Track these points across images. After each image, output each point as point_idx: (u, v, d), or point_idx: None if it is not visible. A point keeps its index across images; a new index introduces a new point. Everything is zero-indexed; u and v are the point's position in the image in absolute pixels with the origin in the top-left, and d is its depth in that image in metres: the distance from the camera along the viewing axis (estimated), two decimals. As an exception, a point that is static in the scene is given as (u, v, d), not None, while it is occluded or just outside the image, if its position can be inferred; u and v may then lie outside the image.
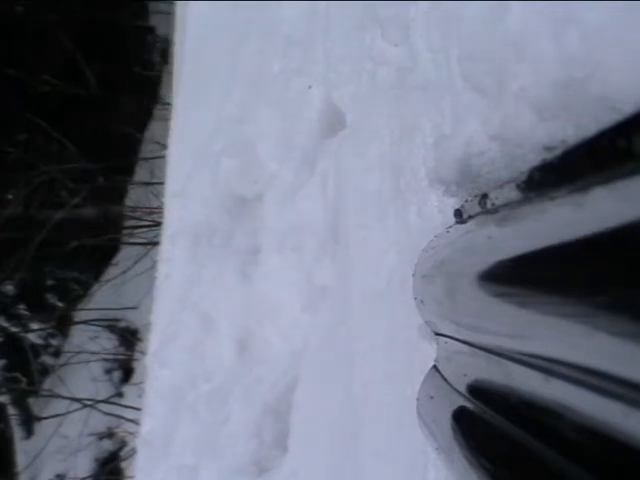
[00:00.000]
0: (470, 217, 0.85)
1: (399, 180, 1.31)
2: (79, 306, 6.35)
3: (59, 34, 5.75)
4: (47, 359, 6.48)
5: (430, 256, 0.97)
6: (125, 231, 6.30)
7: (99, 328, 6.13)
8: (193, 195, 2.64)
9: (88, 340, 6.06)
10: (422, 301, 0.98)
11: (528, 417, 0.61)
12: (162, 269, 2.81)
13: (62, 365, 6.29)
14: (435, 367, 0.94)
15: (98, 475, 5.88)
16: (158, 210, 4.25)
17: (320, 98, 2.01)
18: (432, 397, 0.91)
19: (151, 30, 6.85)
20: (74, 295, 6.40)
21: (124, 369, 6.08)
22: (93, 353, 5.96)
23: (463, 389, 0.80)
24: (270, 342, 2.05)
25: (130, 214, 6.15)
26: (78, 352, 6.02)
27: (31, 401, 6.42)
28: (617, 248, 0.45)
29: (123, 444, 5.76)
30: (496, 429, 0.67)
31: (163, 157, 3.52)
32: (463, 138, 0.89)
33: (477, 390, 0.76)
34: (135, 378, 5.51)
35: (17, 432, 6.31)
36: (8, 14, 5.97)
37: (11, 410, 6.35)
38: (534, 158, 0.65)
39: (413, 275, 1.01)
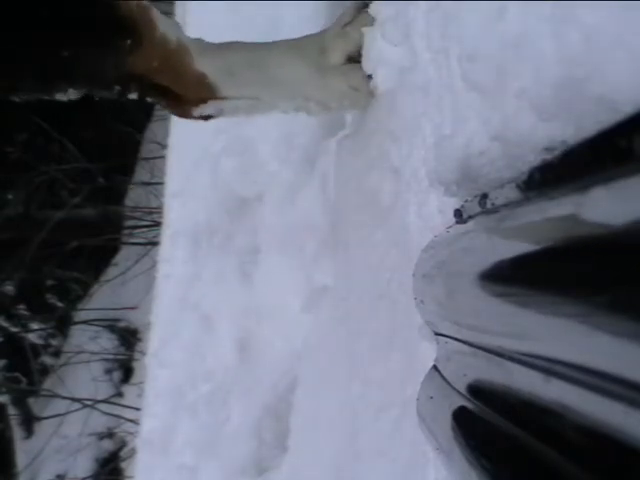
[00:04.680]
0: (470, 217, 0.85)
1: (399, 180, 1.30)
2: (79, 306, 6.35)
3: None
4: (47, 359, 6.48)
5: (430, 256, 0.97)
6: (125, 231, 6.30)
7: (99, 328, 6.12)
8: (193, 195, 2.64)
9: (88, 340, 6.06)
10: (422, 301, 0.97)
11: (528, 417, 0.61)
12: (162, 269, 2.81)
13: (62, 365, 6.29)
14: (435, 367, 0.94)
15: (98, 475, 5.87)
16: (158, 210, 4.25)
17: (320, 98, 2.00)
18: (432, 397, 0.91)
19: (151, 30, 6.82)
20: (74, 295, 6.40)
21: (124, 369, 6.07)
22: (93, 353, 5.96)
23: (463, 389, 0.80)
24: (270, 342, 2.05)
25: (130, 214, 6.15)
26: (78, 352, 6.02)
27: (31, 401, 6.42)
28: (617, 248, 0.45)
29: (123, 444, 5.76)
30: (496, 429, 0.67)
31: (163, 157, 3.52)
32: (463, 138, 0.89)
33: (477, 390, 0.76)
34: (135, 378, 5.51)
35: (17, 432, 6.31)
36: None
37: (11, 410, 6.35)
38: (534, 158, 0.65)
39: (413, 275, 1.01)
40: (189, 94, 1.30)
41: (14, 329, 6.43)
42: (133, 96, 1.28)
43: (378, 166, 1.42)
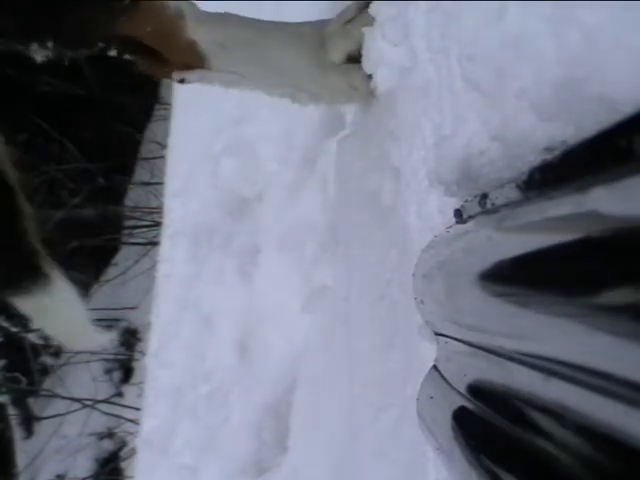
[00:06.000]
0: (470, 217, 0.85)
1: (399, 180, 1.30)
2: (79, 306, 6.33)
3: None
4: (47, 359, 6.48)
5: (430, 256, 0.97)
6: (125, 231, 6.30)
7: (99, 328, 6.11)
8: (193, 195, 2.64)
9: (88, 340, 6.04)
10: (422, 301, 0.97)
11: (528, 417, 0.61)
12: (162, 269, 2.81)
13: (62, 365, 6.29)
14: (435, 367, 0.94)
15: (98, 475, 5.87)
16: (158, 210, 4.25)
17: (320, 98, 2.00)
18: (432, 397, 0.91)
19: (151, 30, 6.82)
20: (74, 295, 6.38)
21: (124, 369, 6.07)
22: (93, 353, 5.95)
23: (463, 389, 0.80)
24: (270, 342, 2.05)
25: (130, 214, 6.15)
26: (78, 352, 6.01)
27: (31, 401, 6.41)
28: (617, 248, 0.45)
29: (123, 444, 5.76)
30: (496, 429, 0.67)
31: (163, 157, 3.52)
32: (463, 138, 0.89)
33: (477, 390, 0.76)
34: (135, 378, 5.51)
35: (17, 432, 6.30)
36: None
37: (11, 410, 6.35)
38: (534, 158, 0.65)
39: (413, 275, 1.01)
40: (176, 59, 1.27)
41: (14, 329, 6.42)
42: (112, 53, 1.25)
43: (378, 166, 1.42)
